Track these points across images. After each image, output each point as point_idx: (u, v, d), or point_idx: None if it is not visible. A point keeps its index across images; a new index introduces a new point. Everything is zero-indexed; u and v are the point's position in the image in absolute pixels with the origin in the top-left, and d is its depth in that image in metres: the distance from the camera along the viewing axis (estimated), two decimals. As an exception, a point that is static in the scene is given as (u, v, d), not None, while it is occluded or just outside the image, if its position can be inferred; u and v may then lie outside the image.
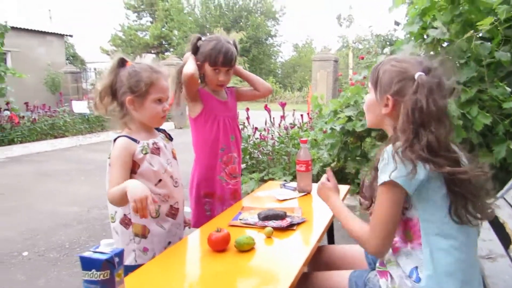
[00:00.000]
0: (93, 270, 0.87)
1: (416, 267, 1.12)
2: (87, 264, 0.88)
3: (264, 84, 2.06)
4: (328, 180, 1.40)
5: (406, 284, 1.13)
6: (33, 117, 8.06)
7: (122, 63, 1.46)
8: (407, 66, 1.14)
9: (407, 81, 1.12)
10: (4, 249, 3.02)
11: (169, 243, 1.51)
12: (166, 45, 26.11)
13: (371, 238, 1.12)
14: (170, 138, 1.63)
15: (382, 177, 1.07)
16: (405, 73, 1.13)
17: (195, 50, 1.86)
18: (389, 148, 1.09)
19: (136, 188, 1.24)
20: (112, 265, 0.89)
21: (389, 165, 1.06)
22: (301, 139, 1.99)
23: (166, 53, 24.57)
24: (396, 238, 1.19)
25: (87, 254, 0.89)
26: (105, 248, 0.91)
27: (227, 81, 1.93)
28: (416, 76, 1.10)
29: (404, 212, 1.13)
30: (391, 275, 1.19)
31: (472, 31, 2.69)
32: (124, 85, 1.42)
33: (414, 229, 1.12)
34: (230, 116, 1.99)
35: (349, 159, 3.88)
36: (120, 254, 0.92)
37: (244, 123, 4.51)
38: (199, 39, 1.88)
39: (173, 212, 1.52)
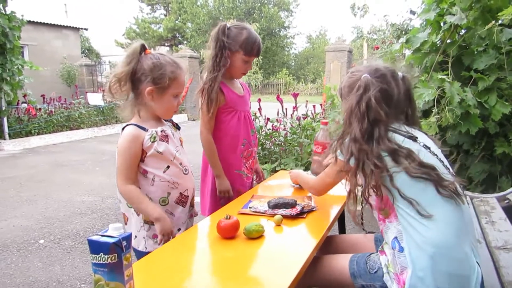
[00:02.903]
0: (101, 253, 0.88)
1: (396, 237, 1.19)
2: (95, 247, 0.88)
3: None
4: None
5: (395, 258, 1.19)
6: (49, 109, 8.19)
7: (142, 50, 1.44)
8: (359, 73, 1.29)
9: (356, 84, 1.27)
10: (22, 237, 3.10)
11: (179, 230, 1.52)
12: (179, 38, 26.19)
13: (315, 182, 1.57)
14: (177, 127, 1.63)
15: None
16: (355, 78, 1.29)
17: (225, 38, 1.80)
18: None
19: (165, 222, 1.41)
20: (120, 248, 0.89)
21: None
22: (322, 121, 1.97)
23: (179, 46, 24.64)
24: (378, 221, 1.28)
25: (95, 237, 0.90)
26: (113, 231, 0.91)
27: None
28: (361, 77, 1.26)
29: (377, 192, 1.21)
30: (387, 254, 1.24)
31: (493, 22, 2.59)
32: (148, 75, 1.41)
33: (388, 204, 1.20)
34: (247, 110, 2.00)
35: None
36: (128, 238, 0.92)
37: (255, 113, 4.49)
38: (226, 26, 1.83)
39: (183, 200, 1.52)
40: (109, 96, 1.44)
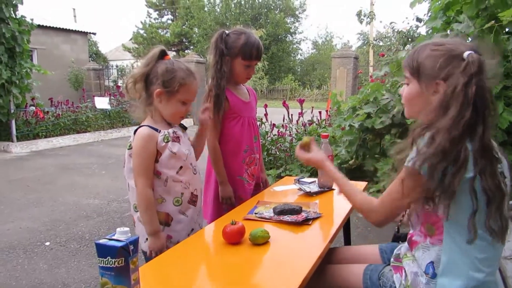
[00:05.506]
0: (108, 257, 0.89)
1: (432, 262, 1.10)
2: (103, 251, 0.89)
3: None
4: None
5: (420, 281, 1.11)
6: (57, 113, 8.26)
7: (162, 55, 1.50)
8: (451, 47, 1.06)
9: (455, 61, 1.04)
10: (28, 239, 3.12)
11: (192, 230, 1.55)
12: (186, 43, 26.32)
13: (377, 209, 1.14)
14: (184, 128, 1.65)
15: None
16: (451, 54, 1.05)
17: (224, 45, 1.81)
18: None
19: (158, 240, 1.45)
20: (127, 252, 0.90)
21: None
22: (322, 134, 1.95)
23: (186, 51, 24.79)
24: (415, 232, 1.17)
25: (102, 241, 0.91)
26: (121, 235, 0.92)
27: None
28: (465, 55, 1.02)
29: (431, 204, 1.05)
30: (405, 271, 1.17)
31: (493, 21, 2.58)
32: (158, 78, 1.46)
33: (438, 224, 1.08)
34: (252, 116, 2.00)
35: (368, 157, 3.82)
36: (135, 242, 0.93)
37: (261, 119, 4.51)
38: (224, 33, 1.85)
39: (194, 199, 1.56)
40: (126, 95, 1.53)
